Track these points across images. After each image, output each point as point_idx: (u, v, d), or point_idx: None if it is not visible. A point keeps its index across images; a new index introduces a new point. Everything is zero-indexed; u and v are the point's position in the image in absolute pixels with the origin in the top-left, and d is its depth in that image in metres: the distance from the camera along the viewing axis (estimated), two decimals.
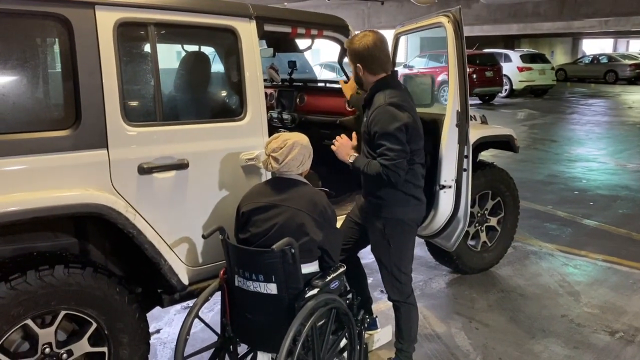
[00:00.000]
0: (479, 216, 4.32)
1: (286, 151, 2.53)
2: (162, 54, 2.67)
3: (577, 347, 3.39)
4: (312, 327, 2.32)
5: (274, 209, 2.48)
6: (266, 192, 2.57)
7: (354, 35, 2.79)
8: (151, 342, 2.74)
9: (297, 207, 2.46)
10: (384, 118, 2.59)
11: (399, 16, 16.66)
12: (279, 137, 2.59)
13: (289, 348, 2.19)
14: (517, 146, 4.41)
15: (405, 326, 2.95)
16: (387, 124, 2.58)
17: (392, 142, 2.56)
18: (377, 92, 2.71)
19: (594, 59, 27.90)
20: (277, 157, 2.53)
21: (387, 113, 2.60)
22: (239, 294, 2.49)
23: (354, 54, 2.76)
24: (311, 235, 2.44)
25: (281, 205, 2.48)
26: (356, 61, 2.76)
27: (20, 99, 2.33)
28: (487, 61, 17.66)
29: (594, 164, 8.70)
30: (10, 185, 2.21)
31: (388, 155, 2.56)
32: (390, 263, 2.85)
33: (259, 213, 2.51)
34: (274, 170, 2.57)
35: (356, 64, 2.76)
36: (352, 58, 2.77)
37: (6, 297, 2.17)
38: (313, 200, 2.50)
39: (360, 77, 2.80)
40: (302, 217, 2.44)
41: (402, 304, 2.92)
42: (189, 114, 3.04)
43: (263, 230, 2.47)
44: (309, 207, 2.47)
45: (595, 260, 4.77)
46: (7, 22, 2.26)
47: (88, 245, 2.67)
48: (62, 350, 2.37)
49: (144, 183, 2.58)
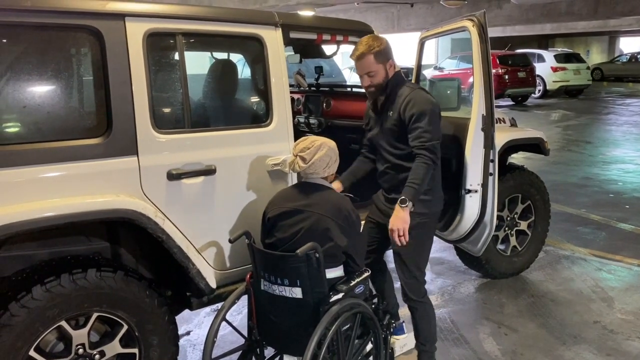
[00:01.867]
0: (509, 220, 4.26)
1: (314, 151, 2.55)
2: (190, 61, 2.74)
3: (609, 355, 3.31)
4: (337, 331, 2.34)
5: (299, 214, 2.51)
6: (291, 197, 2.59)
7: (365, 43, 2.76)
8: (181, 344, 2.81)
9: (321, 213, 2.48)
10: (419, 100, 2.69)
11: (429, 18, 16.55)
12: (307, 139, 2.63)
13: (313, 352, 2.22)
14: (547, 149, 4.33)
15: (425, 326, 2.94)
16: (423, 104, 2.68)
17: (430, 121, 2.66)
18: (398, 84, 2.80)
19: (632, 57, 27.11)
20: (305, 157, 2.55)
21: (422, 96, 2.72)
22: (265, 297, 2.53)
23: (388, 51, 2.79)
24: (336, 240, 2.45)
25: (306, 211, 2.50)
26: (388, 58, 2.79)
27: (55, 109, 2.43)
28: (520, 61, 17.36)
29: (631, 166, 8.47)
30: (45, 191, 2.30)
31: (426, 136, 2.64)
32: (410, 259, 2.84)
33: (284, 218, 2.54)
34: (301, 170, 2.58)
35: (388, 61, 2.79)
36: (384, 57, 2.77)
37: (42, 299, 2.26)
38: (337, 206, 2.52)
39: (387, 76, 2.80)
40: (327, 222, 2.46)
41: (419, 304, 2.90)
42: (216, 120, 3.10)
43: (288, 235, 2.51)
44: (334, 213, 2.48)
45: (630, 266, 4.65)
46: (42, 35, 2.36)
47: (119, 249, 2.76)
48: (94, 351, 2.45)
49: (173, 189, 2.64)
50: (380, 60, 2.76)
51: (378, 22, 17.49)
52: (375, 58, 2.75)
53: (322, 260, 2.35)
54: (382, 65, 2.78)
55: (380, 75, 2.79)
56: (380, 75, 2.79)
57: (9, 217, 2.16)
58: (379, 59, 2.76)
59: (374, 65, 2.76)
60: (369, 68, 2.76)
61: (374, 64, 2.76)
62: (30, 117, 2.37)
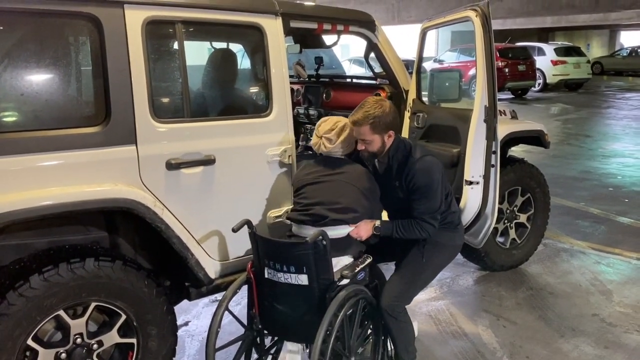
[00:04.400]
0: (508, 213, 4.26)
1: (338, 132, 2.69)
2: (189, 50, 2.71)
3: (607, 347, 3.32)
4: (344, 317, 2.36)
5: (325, 182, 2.66)
6: (315, 170, 2.73)
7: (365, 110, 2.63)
8: (180, 335, 2.80)
9: (346, 181, 2.64)
10: (421, 172, 2.64)
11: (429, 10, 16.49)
12: (328, 120, 2.75)
13: (323, 337, 2.25)
14: (547, 142, 4.32)
15: (399, 343, 2.75)
16: (426, 177, 2.64)
17: (430, 196, 2.65)
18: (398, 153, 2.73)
19: (632, 51, 27.05)
20: (331, 138, 2.68)
21: (425, 170, 2.65)
22: (269, 285, 2.53)
23: (388, 121, 2.66)
24: (357, 207, 2.62)
25: (331, 180, 2.65)
26: (390, 128, 2.69)
27: (53, 97, 2.40)
28: (520, 55, 17.30)
29: (630, 160, 8.46)
30: (43, 180, 2.29)
31: (424, 209, 2.66)
32: (407, 271, 2.76)
33: (310, 185, 2.68)
34: (326, 151, 2.72)
35: (388, 131, 2.69)
36: (385, 127, 2.66)
37: (39, 288, 2.25)
38: (360, 175, 2.69)
39: (385, 145, 2.72)
40: (351, 189, 2.63)
41: (391, 319, 2.67)
42: (215, 110, 3.08)
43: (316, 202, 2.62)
44: (358, 181, 2.65)
45: (629, 259, 4.65)
46: (39, 22, 2.34)
47: (118, 239, 2.74)
48: (92, 340, 2.45)
49: (172, 178, 2.63)
50: (377, 132, 2.65)
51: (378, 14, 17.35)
52: (372, 128, 2.64)
53: (329, 247, 2.38)
54: (378, 136, 2.67)
55: (375, 144, 2.69)
56: (375, 144, 2.69)
57: (7, 205, 2.15)
58: (376, 130, 2.64)
59: (368, 135, 2.66)
60: (363, 136, 2.66)
61: (369, 134, 2.65)
62: (28, 105, 2.35)
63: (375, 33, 3.46)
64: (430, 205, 2.67)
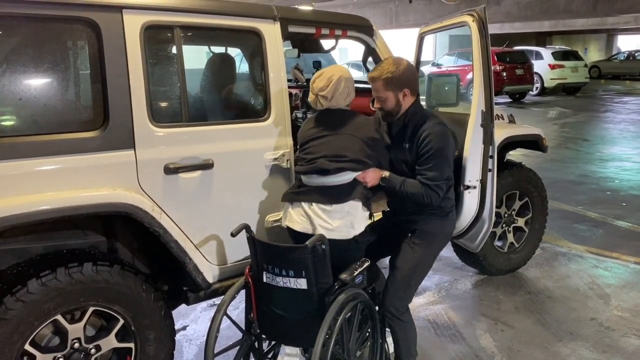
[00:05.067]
0: (506, 217, 4.26)
1: (333, 88, 2.65)
2: (188, 55, 2.72)
3: (605, 351, 3.32)
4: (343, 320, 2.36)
5: (328, 136, 2.66)
6: (317, 124, 2.73)
7: (380, 67, 2.69)
8: (177, 339, 2.80)
9: (349, 133, 2.63)
10: (437, 137, 2.61)
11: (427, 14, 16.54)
12: (322, 75, 2.69)
13: (323, 342, 2.25)
14: (545, 146, 4.33)
15: (403, 344, 2.79)
16: (440, 142, 2.61)
17: (441, 161, 2.62)
18: (415, 116, 2.71)
19: (630, 55, 27.15)
20: (326, 95, 2.66)
21: (440, 133, 2.63)
22: (267, 290, 2.53)
23: (403, 79, 2.66)
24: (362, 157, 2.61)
25: (334, 133, 2.65)
26: (404, 86, 2.67)
27: (51, 101, 2.40)
28: (518, 59, 17.35)
29: (628, 164, 8.48)
30: (41, 184, 2.28)
31: (432, 175, 2.60)
32: (403, 270, 2.75)
33: (314, 140, 2.69)
34: (325, 104, 2.69)
35: (403, 89, 2.68)
36: (399, 84, 2.66)
37: (37, 293, 2.24)
38: (362, 125, 2.67)
39: (400, 104, 2.71)
40: (354, 141, 2.62)
41: (395, 320, 2.73)
42: (214, 114, 3.08)
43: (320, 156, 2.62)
44: (360, 132, 2.64)
45: (627, 263, 4.66)
46: (38, 27, 2.34)
47: (116, 243, 2.74)
48: (90, 345, 2.44)
49: (170, 183, 2.63)
50: (390, 88, 2.67)
51: (376, 18, 17.45)
52: (385, 84, 2.66)
53: (328, 251, 2.38)
54: (392, 93, 2.68)
55: (390, 102, 2.70)
56: (390, 102, 2.70)
57: (5, 210, 2.15)
58: (389, 86, 2.66)
59: (382, 92, 2.69)
60: (378, 92, 2.70)
61: (382, 90, 2.68)
62: (27, 110, 2.35)
63: (373, 37, 3.47)
64: (440, 172, 2.62)
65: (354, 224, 2.59)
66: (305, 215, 2.61)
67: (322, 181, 2.61)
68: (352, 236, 2.59)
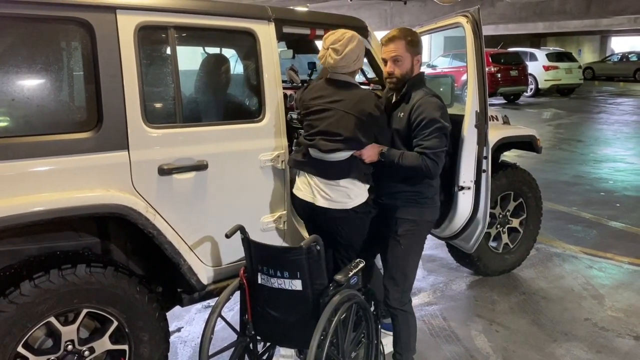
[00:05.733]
0: (501, 217, 4.27)
1: (345, 42, 2.63)
2: (182, 55, 2.71)
3: (600, 352, 3.33)
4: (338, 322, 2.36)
5: (326, 112, 2.67)
6: (319, 95, 2.73)
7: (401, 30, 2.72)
8: (172, 341, 2.79)
9: (346, 110, 2.62)
10: (431, 106, 2.60)
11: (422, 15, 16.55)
12: (336, 32, 2.69)
13: (318, 343, 2.25)
14: (539, 147, 4.34)
15: (403, 335, 2.85)
16: (434, 111, 2.59)
17: (436, 130, 2.58)
18: (416, 86, 2.71)
19: (623, 57, 27.28)
20: (337, 49, 2.62)
21: (434, 103, 2.62)
22: (262, 291, 2.52)
23: (420, 45, 2.74)
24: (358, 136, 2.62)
25: (332, 109, 2.66)
26: (418, 52, 2.73)
27: (44, 102, 2.39)
28: (512, 60, 17.42)
29: (622, 165, 8.52)
30: (34, 186, 2.27)
31: (429, 143, 2.57)
32: (396, 264, 2.79)
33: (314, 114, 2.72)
34: (332, 63, 2.64)
35: (417, 55, 2.72)
36: (415, 49, 2.71)
37: (30, 295, 2.23)
38: (362, 103, 2.64)
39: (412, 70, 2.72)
40: (351, 119, 2.61)
41: (399, 312, 2.81)
42: (208, 115, 3.07)
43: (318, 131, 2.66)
44: (358, 110, 2.62)
45: (620, 263, 4.67)
46: (31, 27, 2.33)
47: (110, 245, 2.73)
48: (84, 347, 2.43)
49: (164, 184, 2.62)
50: (410, 50, 2.69)
51: (371, 20, 17.47)
52: (408, 45, 2.68)
53: (323, 252, 2.38)
54: (410, 55, 2.70)
55: (405, 65, 2.70)
56: (405, 65, 2.70)
57: None
58: (410, 48, 2.69)
59: (402, 51, 2.68)
60: (396, 52, 2.68)
61: (403, 50, 2.68)
62: (19, 111, 2.34)
63: (368, 39, 3.46)
64: (436, 141, 2.58)
65: (351, 195, 2.68)
66: (307, 184, 2.75)
67: (320, 156, 2.68)
68: (350, 207, 2.67)
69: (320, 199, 2.69)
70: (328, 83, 2.75)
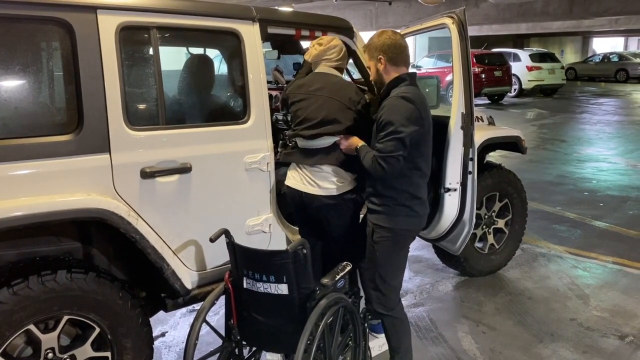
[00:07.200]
0: (486, 218, 4.28)
1: (329, 39, 2.90)
2: (165, 56, 2.66)
3: (586, 352, 3.34)
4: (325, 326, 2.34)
5: (311, 98, 2.82)
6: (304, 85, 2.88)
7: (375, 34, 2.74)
8: (156, 346, 2.75)
9: (328, 95, 2.77)
10: (393, 109, 2.52)
11: (407, 16, 16.59)
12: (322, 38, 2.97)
13: (305, 347, 2.22)
14: (524, 147, 4.36)
15: (394, 340, 2.81)
16: (393, 114, 2.50)
17: (390, 134, 2.48)
18: (394, 87, 2.63)
19: (605, 57, 27.64)
20: (321, 42, 2.87)
21: (397, 106, 2.52)
22: (248, 295, 2.49)
23: (378, 45, 2.65)
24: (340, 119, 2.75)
25: (316, 95, 2.80)
26: (378, 52, 2.64)
27: (23, 104, 2.33)
28: (496, 61, 17.55)
29: (604, 164, 8.61)
30: (13, 190, 2.21)
31: (380, 146, 2.51)
32: (373, 271, 2.73)
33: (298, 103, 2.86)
34: (317, 52, 2.85)
35: (378, 57, 2.65)
36: (374, 50, 2.66)
37: (8, 302, 2.17)
38: (342, 88, 2.81)
39: (381, 74, 2.68)
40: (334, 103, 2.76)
41: (386, 317, 2.77)
42: (192, 117, 3.03)
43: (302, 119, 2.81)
44: (340, 95, 2.77)
45: (605, 263, 4.71)
46: (10, 27, 2.26)
47: (91, 249, 2.67)
48: (65, 355, 2.37)
49: (147, 187, 2.57)
50: (369, 56, 2.72)
51: (356, 20, 17.48)
52: (366, 53, 2.75)
53: (309, 256, 2.35)
54: (372, 61, 2.70)
55: (372, 71, 2.73)
56: (372, 71, 2.73)
57: None
58: (369, 54, 2.72)
59: (367, 60, 2.78)
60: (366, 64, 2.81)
61: (367, 59, 2.77)
62: None
63: (353, 40, 3.45)
64: (390, 145, 2.47)
65: (336, 182, 2.80)
66: (297, 173, 2.89)
67: (305, 144, 2.84)
68: (336, 193, 2.79)
69: (308, 186, 2.82)
70: (312, 76, 2.91)
